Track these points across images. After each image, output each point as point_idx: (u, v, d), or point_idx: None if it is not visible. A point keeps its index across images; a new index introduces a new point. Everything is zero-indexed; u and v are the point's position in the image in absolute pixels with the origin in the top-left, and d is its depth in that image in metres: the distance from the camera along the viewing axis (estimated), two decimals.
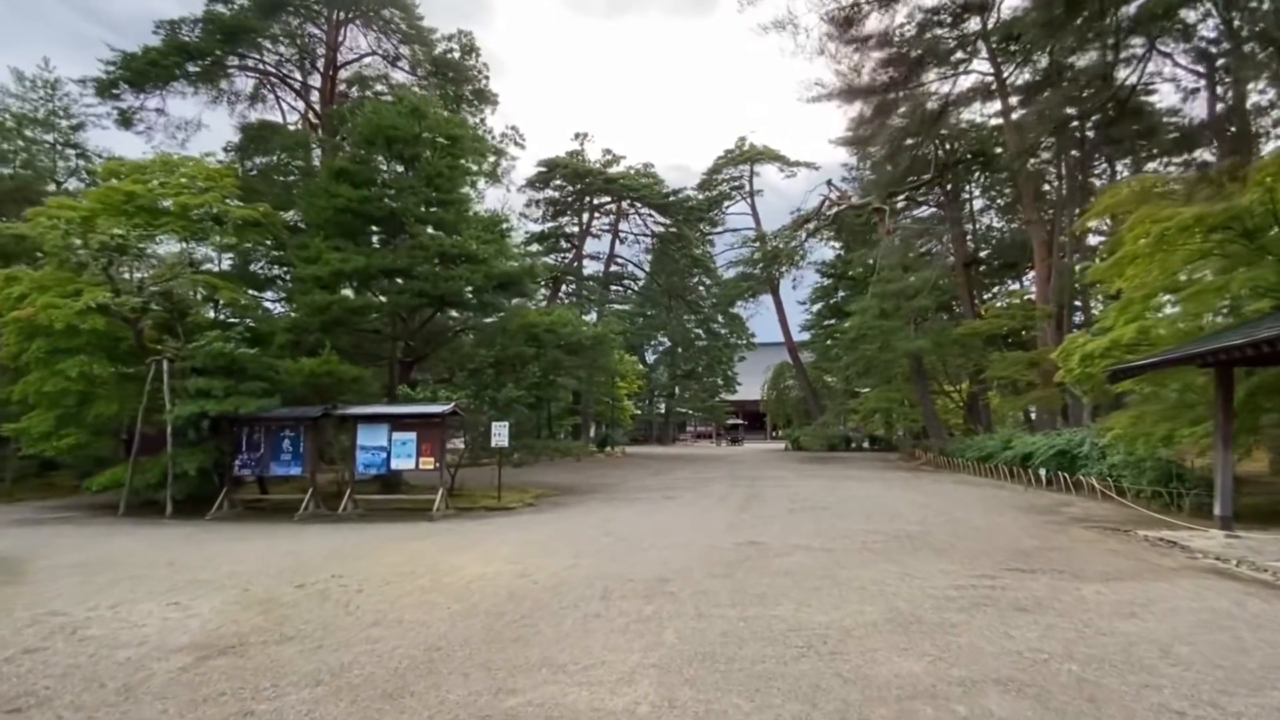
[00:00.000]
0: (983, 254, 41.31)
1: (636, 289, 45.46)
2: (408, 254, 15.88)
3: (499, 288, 17.37)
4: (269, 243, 19.14)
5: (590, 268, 45.34)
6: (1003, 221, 43.56)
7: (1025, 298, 28.81)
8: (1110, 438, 14.71)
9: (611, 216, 43.64)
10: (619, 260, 45.20)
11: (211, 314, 18.17)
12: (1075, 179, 28.21)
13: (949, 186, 37.40)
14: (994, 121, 36.61)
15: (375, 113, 17.77)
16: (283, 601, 6.72)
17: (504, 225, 18.17)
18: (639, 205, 41.85)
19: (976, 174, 40.58)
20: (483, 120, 36.11)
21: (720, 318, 62.43)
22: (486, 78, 32.53)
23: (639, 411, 62.08)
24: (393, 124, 16.97)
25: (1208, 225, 11.73)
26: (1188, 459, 13.63)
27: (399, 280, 15.96)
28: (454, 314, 18.49)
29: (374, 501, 14.83)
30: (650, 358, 65.65)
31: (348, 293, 17.50)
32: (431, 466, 13.84)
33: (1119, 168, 35.44)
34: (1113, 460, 15.41)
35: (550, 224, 39.59)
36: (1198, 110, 32.60)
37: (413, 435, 13.87)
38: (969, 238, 38.56)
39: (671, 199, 39.34)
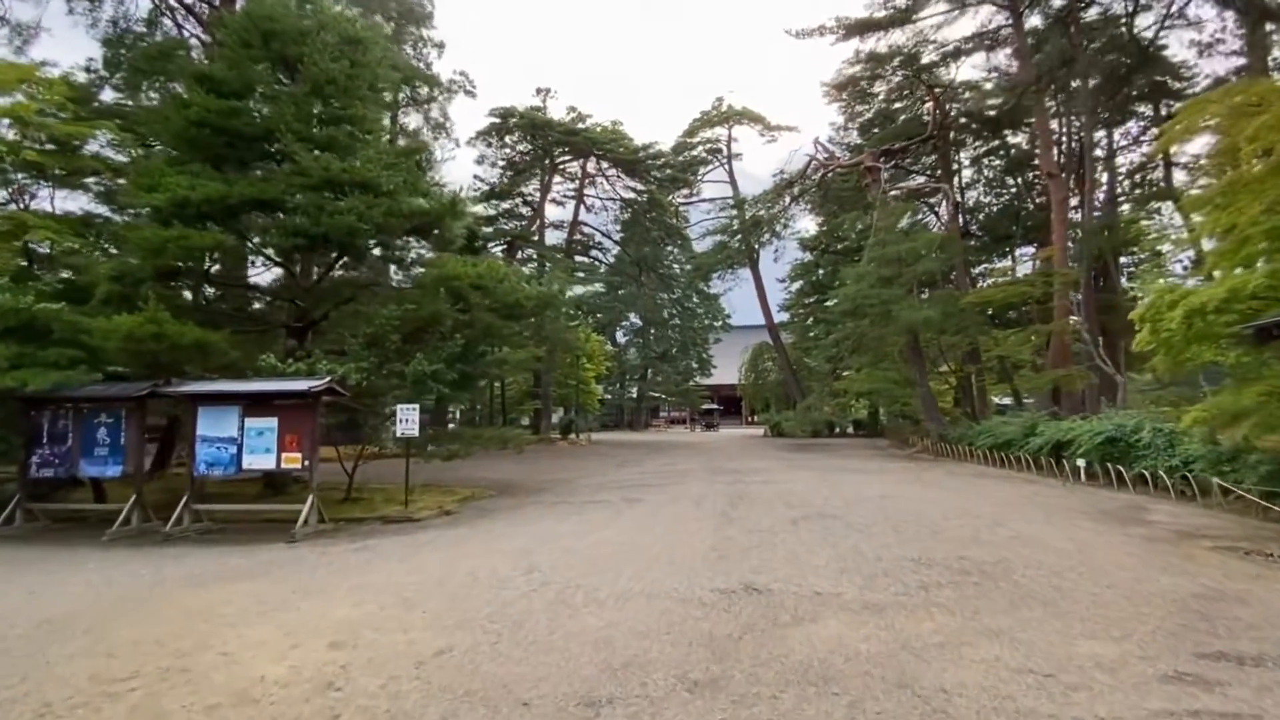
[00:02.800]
0: (972, 229, 38.54)
1: (604, 261, 41.47)
2: (284, 181, 11.93)
3: (414, 232, 13.51)
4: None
5: (554, 239, 41.19)
6: (990, 195, 41.15)
7: (1043, 261, 25.50)
8: (1189, 421, 11.53)
9: (575, 182, 39.47)
10: (585, 229, 41.08)
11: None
12: (1094, 128, 25.09)
13: (941, 153, 34.31)
14: (990, 81, 33.68)
15: (253, 2, 13.67)
16: None
17: (423, 155, 14.24)
18: (605, 165, 37.71)
19: (969, 139, 37.72)
20: (428, 65, 31.90)
21: (695, 297, 58.81)
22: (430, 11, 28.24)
23: (609, 396, 58.50)
24: (270, 15, 12.92)
25: None
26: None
27: (276, 216, 12.00)
28: (358, 266, 14.61)
29: (229, 514, 10.99)
30: (621, 339, 62.03)
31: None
32: (299, 465, 10.02)
33: (1116, 136, 32.88)
34: (1190, 451, 12.28)
35: (505, 184, 35.13)
36: (1215, 66, 29.91)
37: (273, 421, 10.04)
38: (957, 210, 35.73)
39: (642, 156, 35.23)
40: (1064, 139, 32.60)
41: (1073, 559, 7.31)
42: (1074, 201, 28.97)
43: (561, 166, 38.05)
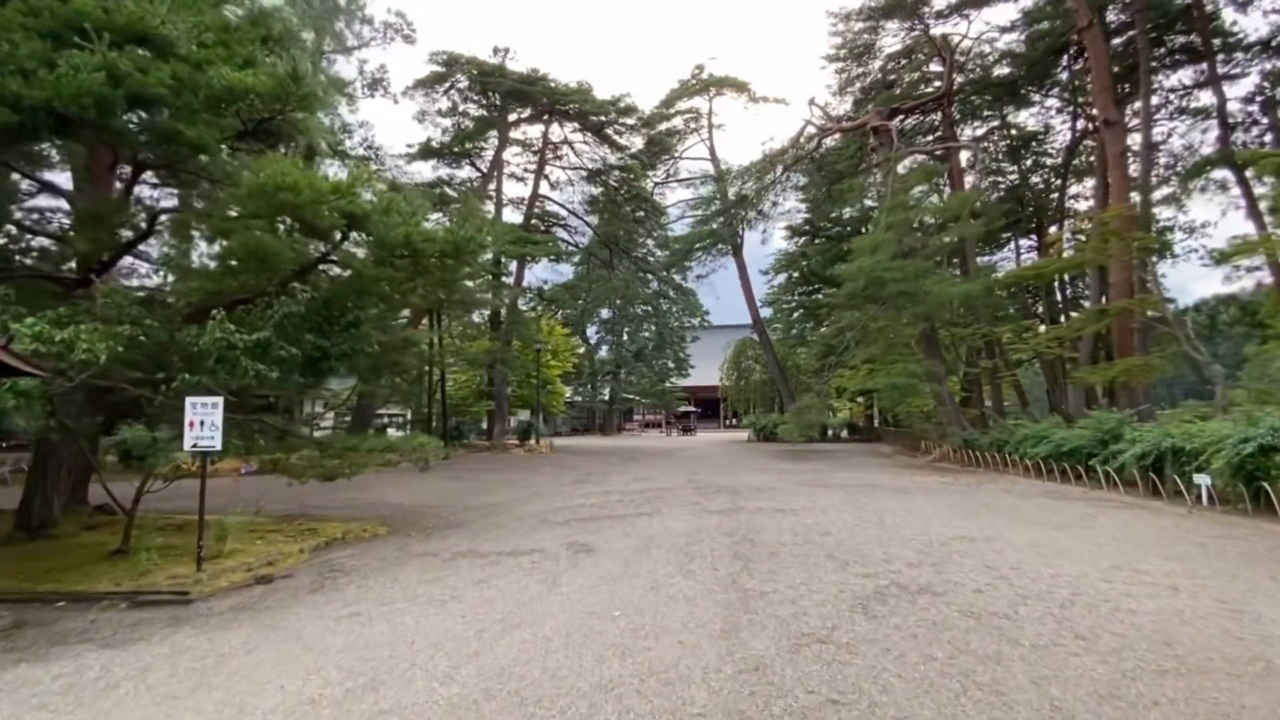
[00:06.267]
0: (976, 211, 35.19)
1: (571, 243, 36.67)
2: None
3: (247, 138, 8.73)
4: None
5: (513, 220, 36.19)
6: (988, 183, 38.02)
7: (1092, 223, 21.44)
8: None
9: (536, 155, 34.58)
10: (550, 204, 36.12)
11: None
12: (1148, 74, 21.28)
13: (946, 119, 30.52)
14: (1003, 41, 30.11)
15: None
16: None
17: (279, 31, 9.47)
18: (571, 129, 32.84)
19: (968, 120, 34.32)
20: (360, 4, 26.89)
21: (672, 292, 54.32)
22: None
23: (578, 397, 53.83)
24: None
25: None
26: None
27: None
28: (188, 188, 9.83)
29: None
30: (593, 336, 57.45)
31: None
32: None
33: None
34: None
35: (447, 144, 29.86)
36: (1252, 24, 26.75)
37: None
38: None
39: (612, 114, 30.36)
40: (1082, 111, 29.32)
41: None
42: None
43: (520, 135, 33.16)
